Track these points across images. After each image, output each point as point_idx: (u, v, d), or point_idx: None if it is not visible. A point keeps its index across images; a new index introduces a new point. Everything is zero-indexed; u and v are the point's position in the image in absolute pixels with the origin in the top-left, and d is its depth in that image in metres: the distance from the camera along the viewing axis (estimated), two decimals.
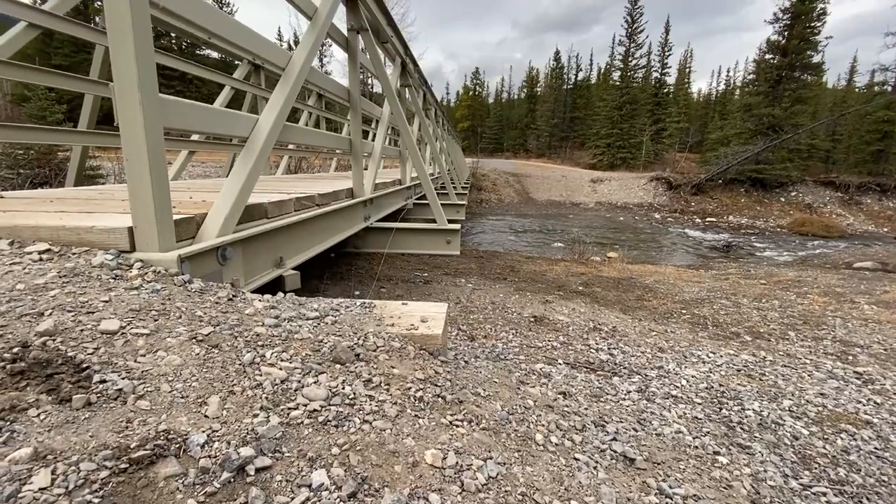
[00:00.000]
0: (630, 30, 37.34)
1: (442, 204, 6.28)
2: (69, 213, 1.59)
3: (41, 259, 1.19)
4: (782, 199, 22.94)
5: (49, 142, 2.91)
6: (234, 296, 1.30)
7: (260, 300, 1.35)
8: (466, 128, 55.85)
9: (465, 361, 1.47)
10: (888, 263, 8.14)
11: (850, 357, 2.76)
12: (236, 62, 5.44)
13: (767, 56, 23.96)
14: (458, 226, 3.56)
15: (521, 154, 49.77)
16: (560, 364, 2.06)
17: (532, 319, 2.95)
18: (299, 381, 0.91)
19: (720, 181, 23.43)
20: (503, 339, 2.47)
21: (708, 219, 21.74)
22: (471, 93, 62.03)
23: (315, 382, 0.93)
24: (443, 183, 7.38)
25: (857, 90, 38.87)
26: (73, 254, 1.24)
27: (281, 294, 1.54)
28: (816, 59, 23.53)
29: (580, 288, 4.53)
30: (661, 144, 40.15)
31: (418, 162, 4.14)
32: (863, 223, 20.93)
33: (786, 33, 22.77)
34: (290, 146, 5.34)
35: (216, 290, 1.29)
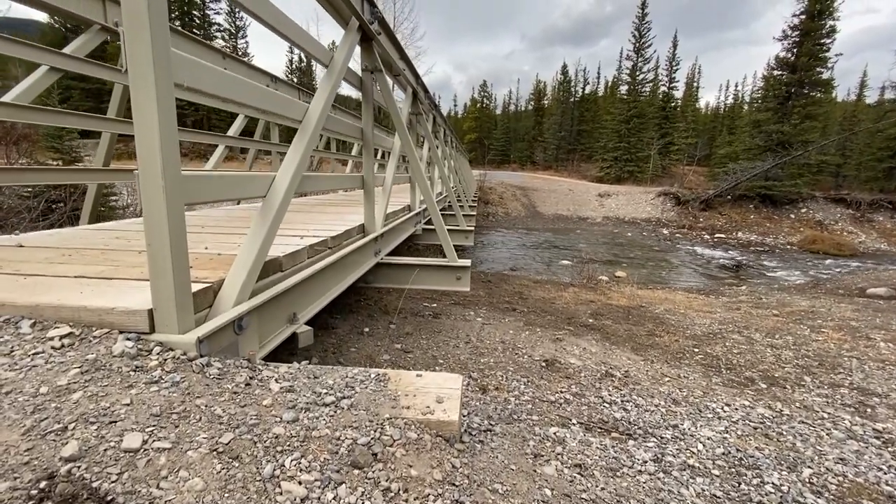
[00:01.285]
0: (638, 45, 37.50)
1: (449, 229, 6.30)
2: (88, 282, 1.61)
3: (62, 346, 1.20)
4: (792, 216, 22.74)
5: (67, 181, 2.95)
6: (251, 378, 1.31)
7: (277, 380, 1.35)
8: (474, 139, 56.15)
9: (481, 442, 1.46)
10: None
11: (869, 410, 2.70)
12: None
13: (776, 72, 23.93)
14: (467, 262, 3.55)
15: (528, 166, 49.89)
16: (574, 425, 2.03)
17: (543, 364, 2.92)
18: (319, 500, 0.91)
19: (729, 197, 23.30)
20: (515, 390, 2.45)
21: (717, 235, 21.60)
22: (478, 105, 62.41)
23: (334, 498, 0.92)
24: (450, 202, 7.39)
25: (867, 105, 38.65)
26: (94, 337, 1.25)
27: (296, 365, 1.53)
28: (826, 75, 23.47)
29: (590, 320, 4.49)
30: (669, 159, 40.09)
31: (427, 192, 4.16)
32: (875, 241, 20.68)
33: (795, 50, 22.74)
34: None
35: (233, 374, 1.29)
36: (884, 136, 24.05)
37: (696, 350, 3.77)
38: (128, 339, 1.25)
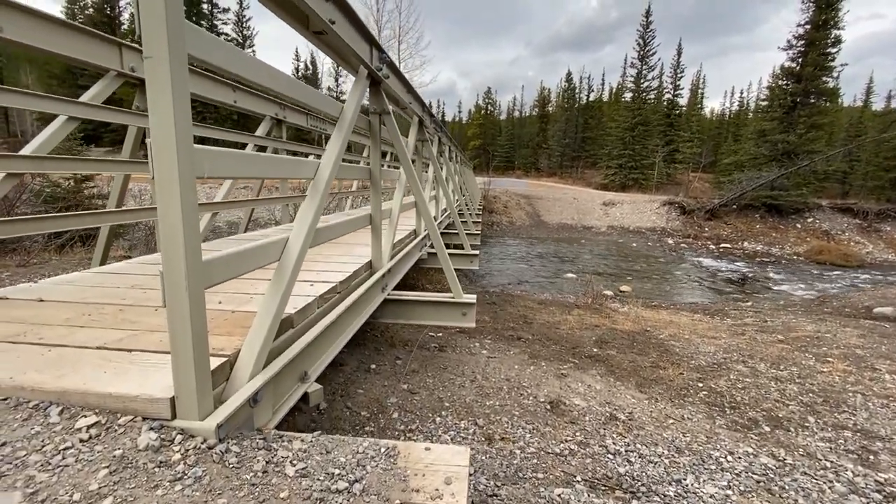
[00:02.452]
0: (642, 52, 37.60)
1: (454, 255, 6.35)
2: (111, 356, 1.67)
3: (90, 437, 1.26)
4: (798, 226, 22.64)
5: (81, 226, 3.03)
6: (267, 463, 1.36)
7: (292, 461, 1.41)
8: (478, 146, 56.30)
9: None
10: None
11: (871, 457, 2.72)
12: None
13: (781, 82, 23.91)
14: (473, 298, 3.60)
15: (533, 173, 49.95)
16: (578, 483, 2.07)
17: (548, 408, 2.96)
18: None
19: (734, 206, 23.23)
20: (520, 440, 2.49)
21: (722, 245, 21.52)
22: (482, 112, 62.61)
23: None
24: (453, 220, 7.45)
25: (873, 113, 38.45)
26: (119, 426, 1.32)
27: (309, 438, 1.59)
28: (831, 84, 23.42)
29: (595, 350, 4.53)
30: (674, 168, 40.01)
31: (431, 226, 4.21)
32: (882, 251, 20.55)
33: (800, 59, 22.72)
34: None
35: (250, 461, 1.35)
36: (890, 146, 23.94)
37: (700, 385, 3.80)
38: (151, 428, 1.31)
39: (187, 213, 1.27)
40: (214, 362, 1.58)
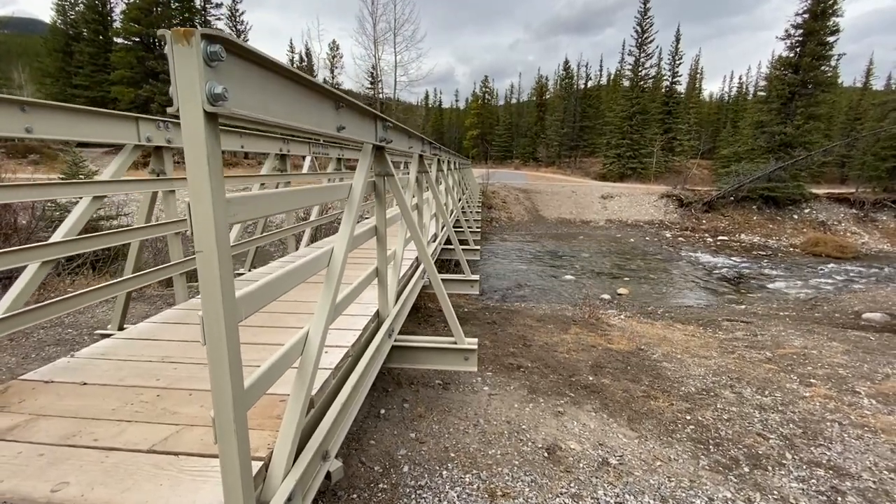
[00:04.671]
0: (640, 40, 37.28)
1: (454, 280, 6.57)
2: (160, 461, 1.91)
3: None
4: (795, 217, 22.84)
5: (94, 297, 3.24)
6: None
7: None
8: (476, 136, 56.16)
9: None
10: None
11: (839, 499, 2.99)
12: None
13: (779, 72, 23.86)
14: (475, 344, 3.84)
15: (531, 163, 49.89)
16: None
17: (546, 455, 3.22)
18: None
19: (731, 198, 23.39)
20: (520, 496, 2.75)
21: (719, 238, 21.74)
22: (479, 101, 62.20)
23: None
24: (448, 238, 7.65)
25: (873, 94, 38.23)
26: None
27: None
28: (829, 73, 23.39)
29: (590, 378, 4.79)
30: (673, 154, 39.99)
31: (432, 271, 4.44)
32: (878, 242, 20.78)
33: (798, 49, 22.65)
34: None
35: None
36: (888, 136, 24.01)
37: (689, 417, 4.06)
38: None
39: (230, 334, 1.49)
40: (255, 467, 1.81)
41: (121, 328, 3.97)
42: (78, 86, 34.24)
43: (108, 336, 3.86)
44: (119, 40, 33.92)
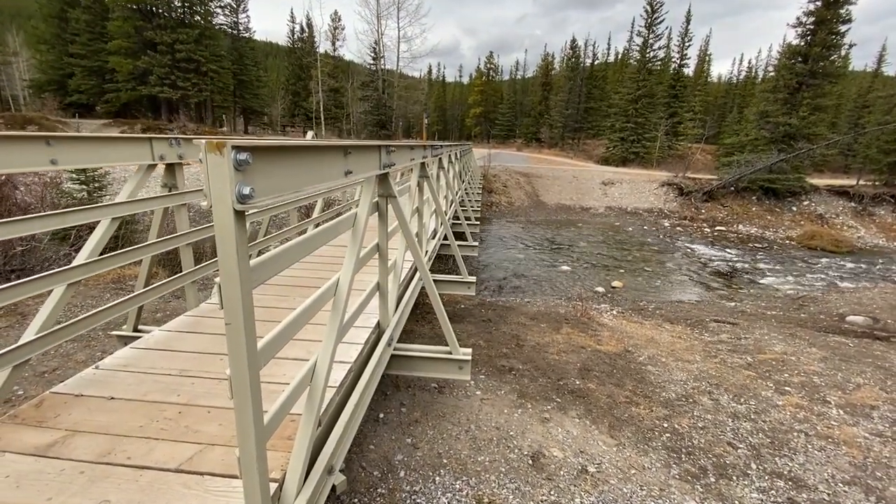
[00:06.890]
0: (649, 20, 36.43)
1: (450, 281, 6.79)
2: (187, 481, 2.17)
3: None
4: (794, 209, 22.94)
5: (115, 312, 3.46)
6: None
7: None
8: (479, 114, 55.48)
9: None
10: (879, 320, 8.53)
11: None
12: None
13: (788, 61, 23.50)
14: (468, 354, 4.10)
15: (534, 144, 49.44)
16: None
17: (530, 462, 3.52)
18: None
19: (732, 188, 23.43)
20: (505, 502, 3.06)
21: (717, 228, 21.89)
22: (483, 78, 61.10)
23: None
24: (446, 235, 7.85)
25: (880, 95, 37.66)
26: None
27: None
28: (839, 64, 23.06)
29: (577, 383, 5.08)
30: (676, 144, 39.68)
31: (428, 281, 4.66)
32: (874, 236, 20.95)
33: (809, 38, 22.26)
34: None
35: None
36: (891, 129, 23.86)
37: (666, 425, 4.36)
38: None
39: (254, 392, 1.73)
40: (271, 488, 2.07)
41: (135, 329, 4.22)
42: (75, 54, 33.63)
43: (123, 337, 4.14)
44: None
